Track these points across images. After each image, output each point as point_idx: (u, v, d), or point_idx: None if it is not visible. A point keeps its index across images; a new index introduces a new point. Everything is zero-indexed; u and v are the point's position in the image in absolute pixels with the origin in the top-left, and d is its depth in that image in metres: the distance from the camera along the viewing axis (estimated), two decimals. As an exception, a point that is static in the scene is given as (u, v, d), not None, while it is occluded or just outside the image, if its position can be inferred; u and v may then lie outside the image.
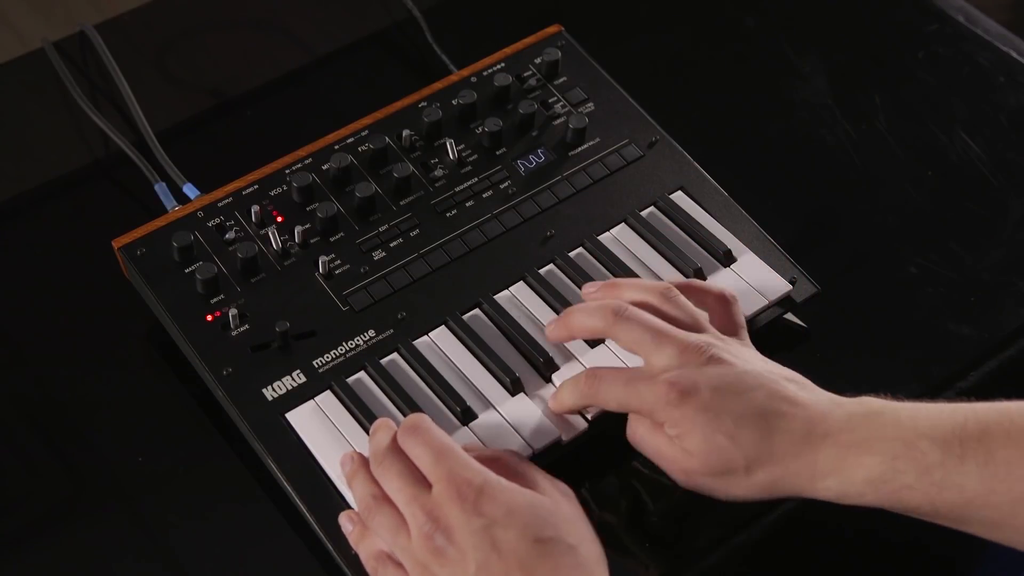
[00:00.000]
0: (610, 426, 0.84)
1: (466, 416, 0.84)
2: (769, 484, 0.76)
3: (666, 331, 0.79)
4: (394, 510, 0.75)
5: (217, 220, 0.92)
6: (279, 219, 0.93)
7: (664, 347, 0.78)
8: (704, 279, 0.91)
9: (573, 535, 0.73)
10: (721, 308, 0.85)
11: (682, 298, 0.83)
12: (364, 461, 0.78)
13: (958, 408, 0.75)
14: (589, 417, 0.84)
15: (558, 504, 0.74)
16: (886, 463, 0.74)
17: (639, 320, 0.79)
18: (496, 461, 0.77)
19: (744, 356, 0.80)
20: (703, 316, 0.82)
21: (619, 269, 0.92)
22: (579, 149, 0.99)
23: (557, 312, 0.89)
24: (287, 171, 0.95)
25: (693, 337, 0.79)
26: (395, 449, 0.76)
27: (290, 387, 0.85)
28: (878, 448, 0.74)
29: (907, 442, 0.74)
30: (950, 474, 0.73)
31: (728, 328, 0.84)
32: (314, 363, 0.86)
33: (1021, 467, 0.72)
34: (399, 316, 0.89)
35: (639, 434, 0.80)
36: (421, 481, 0.74)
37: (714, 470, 0.76)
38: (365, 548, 0.77)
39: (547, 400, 0.85)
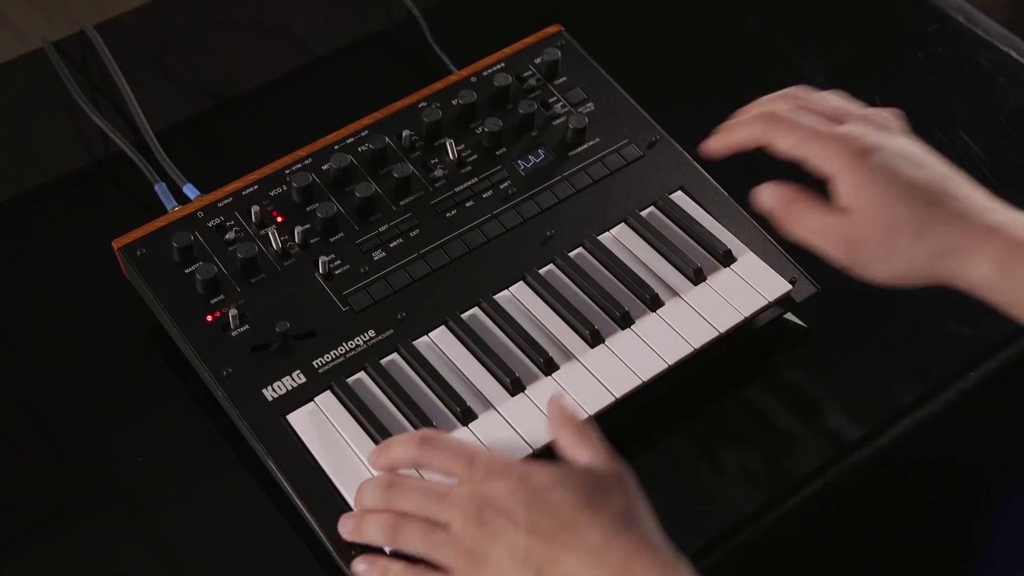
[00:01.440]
0: (610, 426, 0.84)
1: (466, 416, 0.84)
2: (932, 257, 0.75)
3: (846, 109, 0.80)
4: (420, 520, 0.75)
5: (217, 220, 0.92)
6: (279, 219, 0.93)
7: (851, 117, 0.79)
8: (704, 279, 0.92)
9: (624, 494, 0.74)
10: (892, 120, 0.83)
11: (825, 95, 0.82)
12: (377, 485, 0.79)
13: None
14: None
15: (608, 471, 0.75)
16: None
17: (803, 113, 0.80)
18: None
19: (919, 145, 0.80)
20: (852, 108, 0.82)
21: (619, 269, 0.92)
22: (579, 149, 0.99)
23: (557, 312, 0.89)
24: (287, 171, 0.95)
25: (872, 110, 0.80)
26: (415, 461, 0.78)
27: (290, 387, 0.85)
28: None
29: None
30: None
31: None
32: (314, 363, 0.86)
33: None
34: (399, 316, 0.89)
35: (798, 215, 0.79)
36: (446, 491, 0.75)
37: (881, 233, 0.76)
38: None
39: (548, 394, 0.85)
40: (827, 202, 0.78)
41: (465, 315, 0.90)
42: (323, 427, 0.84)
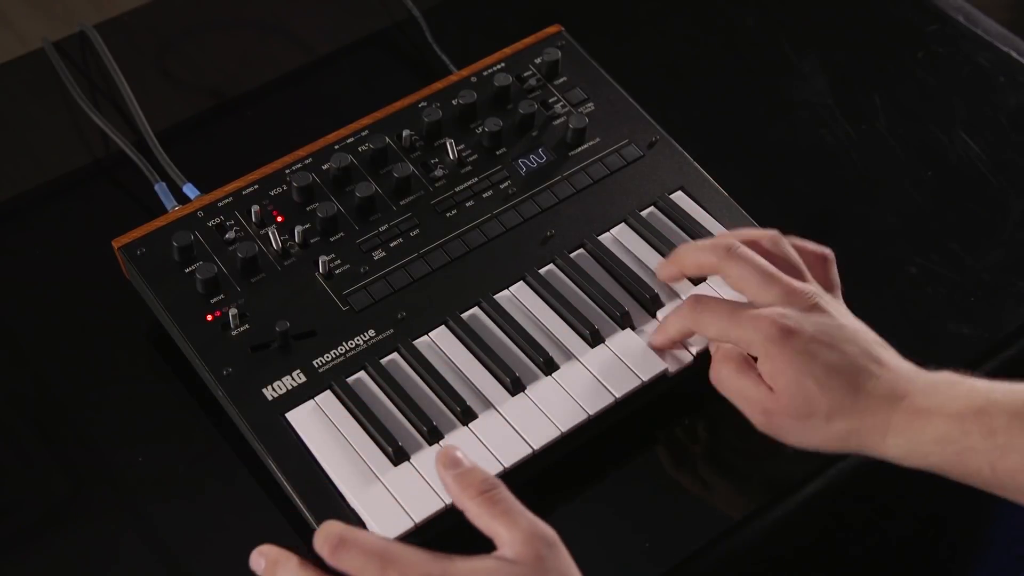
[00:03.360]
0: (610, 426, 0.84)
1: (466, 416, 0.84)
2: (843, 435, 0.79)
3: (774, 273, 0.82)
4: None
5: (217, 220, 0.92)
6: (279, 219, 0.93)
7: (772, 287, 0.82)
8: (704, 279, 0.92)
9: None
10: (819, 265, 0.87)
11: (789, 246, 0.86)
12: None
13: None
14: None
15: (528, 555, 0.70)
16: (955, 424, 0.76)
17: (750, 259, 0.83)
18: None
19: (842, 312, 0.83)
20: (805, 269, 0.85)
21: (619, 269, 0.92)
22: (579, 149, 0.99)
23: (557, 312, 0.89)
24: (287, 171, 0.95)
25: (799, 283, 0.82)
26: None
27: (290, 387, 0.85)
28: (950, 409, 0.76)
29: (978, 407, 0.76)
30: (1013, 437, 0.74)
31: (825, 286, 0.86)
32: (314, 363, 0.86)
33: None
34: (399, 316, 0.89)
35: (724, 374, 0.82)
36: None
37: (797, 412, 0.79)
38: None
39: (548, 394, 0.85)
40: (757, 371, 0.81)
41: (465, 315, 0.90)
42: (323, 427, 0.84)
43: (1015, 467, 0.75)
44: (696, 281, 0.91)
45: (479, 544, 0.83)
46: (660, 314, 0.89)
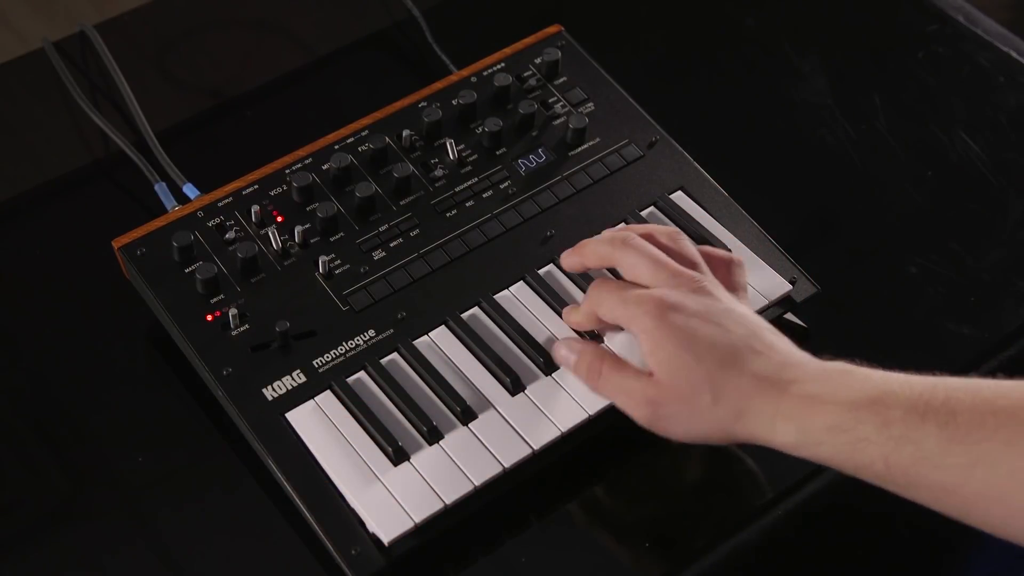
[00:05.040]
0: (610, 426, 0.84)
1: (466, 416, 0.84)
2: (731, 419, 0.76)
3: (664, 260, 0.82)
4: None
5: (217, 220, 0.92)
6: (279, 219, 0.93)
7: (660, 271, 0.81)
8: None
9: None
10: (724, 267, 0.86)
11: (687, 241, 0.86)
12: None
13: (931, 378, 0.75)
14: (591, 413, 0.84)
15: None
16: (848, 412, 0.73)
17: (642, 248, 0.83)
18: None
19: (734, 301, 0.81)
20: (702, 261, 0.85)
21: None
22: (579, 149, 0.99)
23: (557, 312, 0.89)
24: (287, 171, 0.95)
25: (687, 270, 0.82)
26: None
27: (290, 387, 0.85)
28: (843, 396, 0.74)
29: (873, 396, 0.74)
30: (909, 429, 0.72)
31: (727, 286, 0.85)
32: (314, 363, 0.86)
33: (980, 431, 0.71)
34: (399, 316, 0.89)
35: (603, 372, 0.81)
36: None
37: (679, 394, 0.77)
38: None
39: (548, 394, 0.85)
40: (634, 365, 0.80)
41: (465, 315, 0.90)
42: (323, 426, 0.84)
43: (909, 461, 0.72)
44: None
45: (479, 543, 0.83)
46: None
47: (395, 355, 0.87)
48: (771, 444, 0.77)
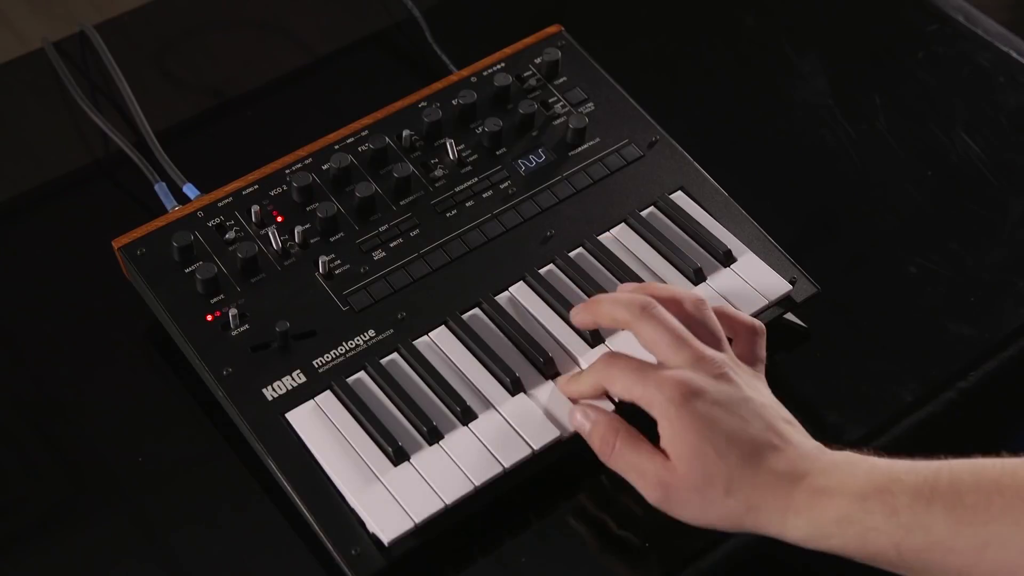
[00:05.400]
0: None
1: (466, 416, 0.84)
2: (742, 512, 0.76)
3: (687, 337, 0.80)
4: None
5: (217, 220, 0.92)
6: (279, 219, 0.93)
7: (682, 351, 0.79)
8: (704, 279, 0.92)
9: None
10: (747, 337, 0.85)
11: (710, 312, 0.83)
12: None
13: (935, 462, 0.75)
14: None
15: None
16: (855, 503, 0.74)
17: (663, 320, 0.80)
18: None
19: (753, 385, 0.81)
20: (724, 338, 0.83)
21: (619, 269, 0.92)
22: (579, 149, 0.99)
23: (557, 312, 0.89)
24: (287, 171, 0.95)
25: (710, 351, 0.80)
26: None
27: (290, 387, 0.85)
28: (850, 488, 0.75)
29: (879, 485, 0.74)
30: (918, 516, 0.73)
31: (747, 358, 0.84)
32: (314, 363, 0.86)
33: (987, 512, 0.72)
34: (399, 316, 0.89)
35: (617, 447, 0.80)
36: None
37: (694, 483, 0.76)
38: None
39: (548, 394, 0.85)
40: (649, 442, 0.79)
41: (465, 315, 0.90)
42: (323, 427, 0.84)
43: (920, 546, 0.73)
44: None
45: (479, 543, 0.83)
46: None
47: (395, 355, 0.87)
48: (783, 537, 0.77)
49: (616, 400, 0.84)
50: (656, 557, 0.83)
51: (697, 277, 0.92)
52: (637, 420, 0.80)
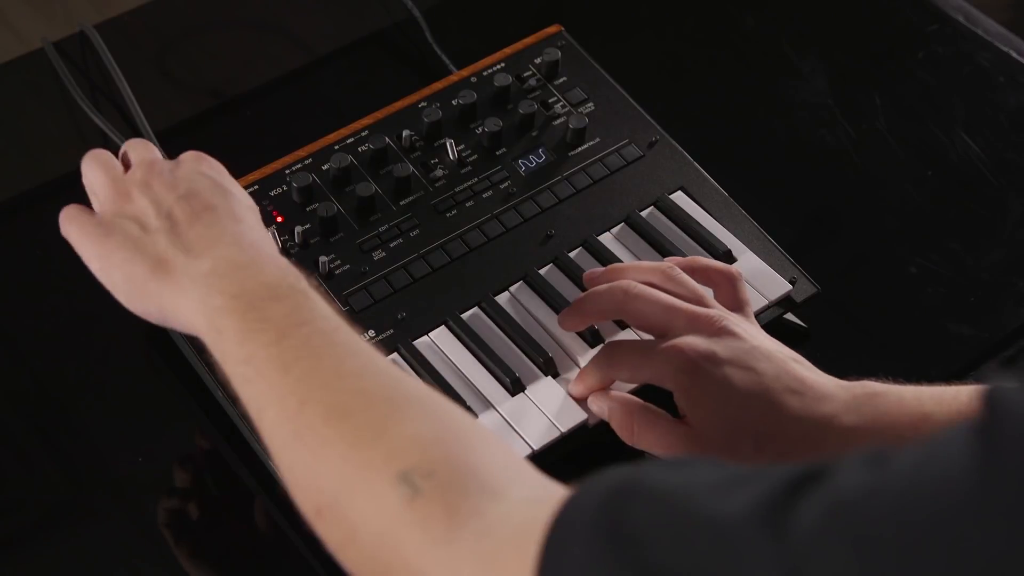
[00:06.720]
0: (610, 426, 0.84)
1: (466, 416, 0.84)
2: (773, 461, 0.76)
3: (675, 303, 0.80)
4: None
5: (217, 220, 0.92)
6: (279, 219, 0.93)
7: (675, 319, 0.79)
8: None
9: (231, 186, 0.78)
10: (726, 284, 0.85)
11: (683, 275, 0.83)
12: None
13: (962, 389, 0.75)
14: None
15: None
16: (892, 442, 0.73)
17: (648, 295, 0.80)
18: None
19: (751, 332, 0.80)
20: (707, 292, 0.83)
21: (619, 269, 0.92)
22: (579, 149, 0.99)
23: (557, 312, 0.89)
24: (287, 171, 0.95)
25: (702, 308, 0.80)
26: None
27: (290, 387, 0.85)
28: (883, 424, 0.74)
29: (912, 424, 0.74)
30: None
31: (732, 304, 0.84)
32: (314, 363, 0.86)
33: None
34: (399, 316, 0.89)
35: (636, 428, 0.79)
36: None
37: (723, 444, 0.76)
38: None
39: (548, 394, 0.85)
40: (666, 414, 0.78)
41: (465, 315, 0.90)
42: (323, 427, 0.84)
43: None
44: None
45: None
46: None
47: (395, 355, 0.87)
48: None
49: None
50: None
51: (697, 277, 0.92)
52: (656, 396, 0.80)
